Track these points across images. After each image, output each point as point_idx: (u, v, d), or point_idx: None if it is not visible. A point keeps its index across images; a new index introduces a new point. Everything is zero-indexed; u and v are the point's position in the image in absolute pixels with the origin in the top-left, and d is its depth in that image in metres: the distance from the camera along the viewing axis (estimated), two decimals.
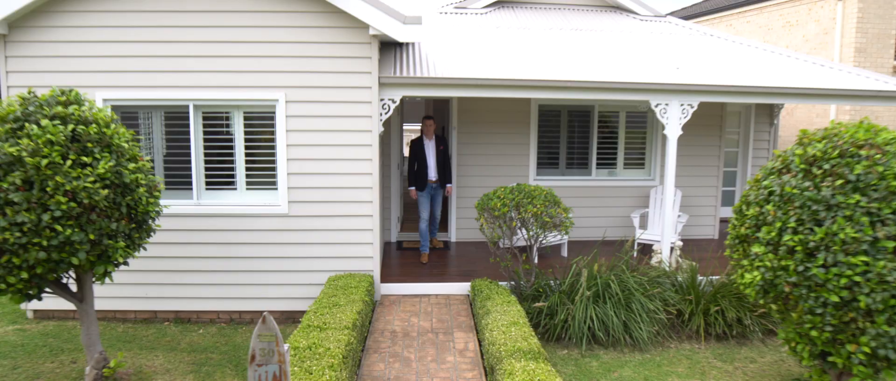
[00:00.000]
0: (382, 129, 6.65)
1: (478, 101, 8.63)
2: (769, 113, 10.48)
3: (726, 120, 9.24)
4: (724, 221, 10.42)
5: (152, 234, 5.09)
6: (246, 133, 6.65)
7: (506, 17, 9.68)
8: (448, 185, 7.99)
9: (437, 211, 8.30)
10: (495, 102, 8.66)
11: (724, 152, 9.40)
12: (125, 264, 4.89)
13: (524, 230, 6.55)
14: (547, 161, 9.03)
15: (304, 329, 4.81)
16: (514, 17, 9.69)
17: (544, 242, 7.19)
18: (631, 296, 6.32)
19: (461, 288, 6.94)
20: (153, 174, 5.17)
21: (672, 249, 7.38)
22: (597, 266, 6.35)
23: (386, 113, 6.57)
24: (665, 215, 7.24)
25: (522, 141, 8.78)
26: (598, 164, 9.12)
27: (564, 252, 8.22)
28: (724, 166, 10.49)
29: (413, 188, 7.82)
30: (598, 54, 7.82)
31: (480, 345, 5.48)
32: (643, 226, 8.60)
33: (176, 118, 6.66)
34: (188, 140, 6.61)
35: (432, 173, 7.81)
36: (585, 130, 9.08)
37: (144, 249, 5.00)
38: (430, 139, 7.75)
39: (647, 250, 8.49)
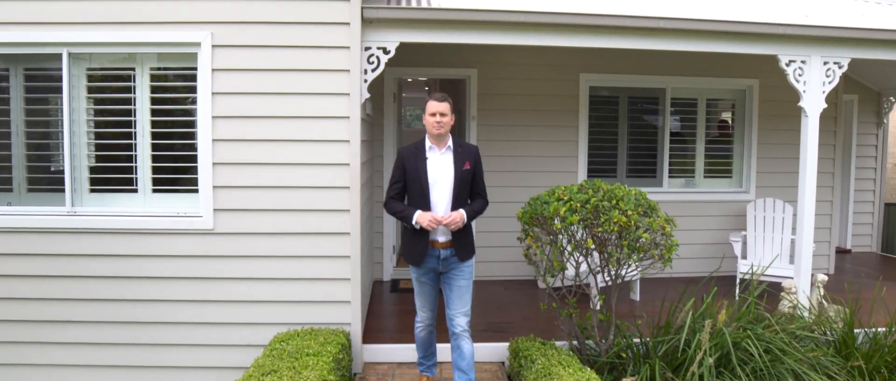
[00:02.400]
0: (368, 95, 4.20)
1: (506, 80, 6.21)
2: (877, 110, 8.06)
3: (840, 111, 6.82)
4: (841, 251, 7.81)
5: None
6: (154, 102, 4.21)
7: None
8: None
9: (456, 307, 3.42)
10: (530, 82, 6.23)
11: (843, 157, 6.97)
12: None
13: (597, 256, 4.02)
14: (601, 166, 6.54)
15: None
16: None
17: (626, 276, 4.62)
18: (778, 363, 3.78)
19: (492, 352, 4.38)
20: None
21: (813, 287, 4.85)
22: (725, 315, 3.80)
23: (374, 69, 4.14)
24: (803, 236, 4.73)
25: (568, 138, 6.32)
26: (670, 171, 6.63)
27: (636, 294, 5.65)
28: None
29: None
30: None
31: None
32: (743, 254, 6.06)
33: (43, 78, 4.24)
34: (60, 113, 4.16)
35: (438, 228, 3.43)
36: (652, 125, 6.63)
37: None
38: (441, 147, 3.42)
39: (769, 289, 5.88)
